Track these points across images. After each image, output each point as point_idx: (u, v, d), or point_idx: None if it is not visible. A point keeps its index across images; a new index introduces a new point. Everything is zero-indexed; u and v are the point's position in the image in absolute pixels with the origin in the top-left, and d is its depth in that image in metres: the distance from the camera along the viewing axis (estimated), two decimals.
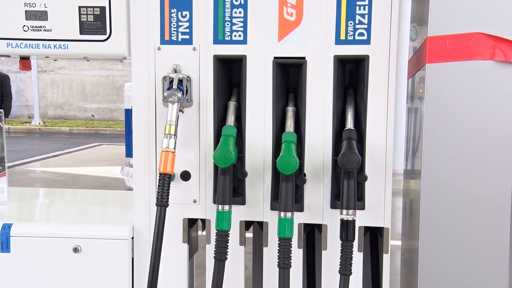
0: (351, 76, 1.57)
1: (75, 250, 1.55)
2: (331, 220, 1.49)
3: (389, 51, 1.42)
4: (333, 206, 1.48)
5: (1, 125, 1.81)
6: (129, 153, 7.44)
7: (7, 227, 1.56)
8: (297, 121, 1.49)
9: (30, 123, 15.00)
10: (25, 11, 1.56)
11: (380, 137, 1.45)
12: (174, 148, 1.44)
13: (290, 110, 1.50)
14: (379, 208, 1.47)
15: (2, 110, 1.83)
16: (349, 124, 1.44)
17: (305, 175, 1.48)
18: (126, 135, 7.52)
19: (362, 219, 1.47)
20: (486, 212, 1.31)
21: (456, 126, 1.31)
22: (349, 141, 1.38)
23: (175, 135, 1.45)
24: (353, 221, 1.36)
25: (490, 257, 1.32)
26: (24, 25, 1.57)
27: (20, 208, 1.84)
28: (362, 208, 1.46)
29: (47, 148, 10.37)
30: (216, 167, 1.47)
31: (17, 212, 1.79)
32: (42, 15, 1.56)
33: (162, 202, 1.42)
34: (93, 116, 16.23)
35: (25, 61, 1.76)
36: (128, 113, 7.08)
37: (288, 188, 1.37)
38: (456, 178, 1.32)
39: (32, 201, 1.99)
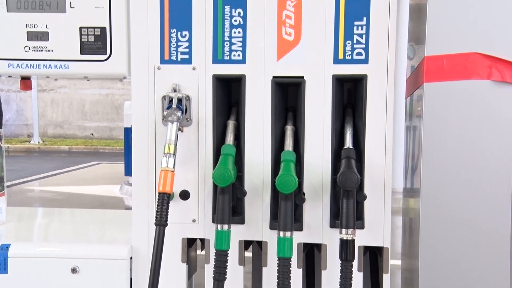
0: (349, 95, 1.58)
1: (73, 270, 1.53)
2: (331, 239, 1.48)
3: (387, 70, 1.43)
4: (332, 225, 1.48)
5: (1, 145, 1.81)
6: (128, 171, 7.42)
7: (5, 247, 1.55)
8: (296, 140, 1.50)
9: (29, 142, 14.99)
10: (27, 32, 1.57)
11: (379, 156, 1.45)
12: (174, 167, 1.44)
13: (289, 129, 1.50)
14: (378, 227, 1.47)
15: (1, 130, 1.83)
16: (348, 143, 1.44)
17: (304, 194, 1.47)
18: (125, 154, 7.50)
19: (362, 238, 1.47)
20: (486, 231, 1.30)
21: (455, 144, 1.31)
22: (348, 160, 1.39)
23: (175, 154, 1.45)
24: (353, 240, 1.36)
25: (491, 276, 1.31)
26: (26, 46, 1.58)
27: (19, 228, 1.83)
28: (362, 227, 1.45)
29: (46, 167, 10.34)
30: (215, 186, 1.47)
31: (15, 233, 1.78)
32: (43, 36, 1.57)
33: (161, 221, 1.41)
34: (92, 134, 16.23)
35: (26, 81, 1.77)
36: (128, 131, 7.09)
37: (287, 207, 1.37)
38: (455, 197, 1.32)
39: (31, 221, 1.98)
